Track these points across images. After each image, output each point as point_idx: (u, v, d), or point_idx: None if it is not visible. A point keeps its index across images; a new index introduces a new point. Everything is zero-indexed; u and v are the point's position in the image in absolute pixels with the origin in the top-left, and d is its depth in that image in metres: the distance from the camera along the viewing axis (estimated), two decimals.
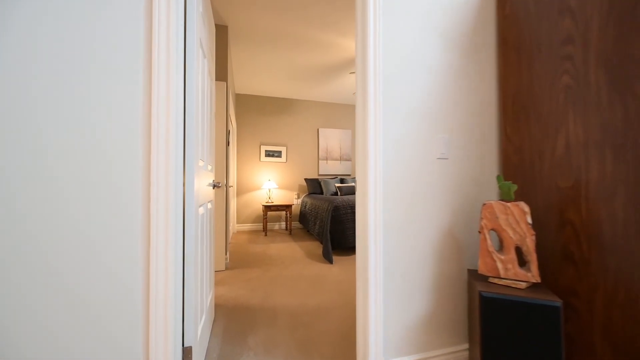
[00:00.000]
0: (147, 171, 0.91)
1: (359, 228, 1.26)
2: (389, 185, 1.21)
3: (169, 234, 0.92)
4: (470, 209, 1.30)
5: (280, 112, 5.34)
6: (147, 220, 0.90)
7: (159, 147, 0.92)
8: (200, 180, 1.25)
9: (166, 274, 0.92)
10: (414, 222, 1.23)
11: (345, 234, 3.32)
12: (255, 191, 5.16)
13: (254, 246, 3.81)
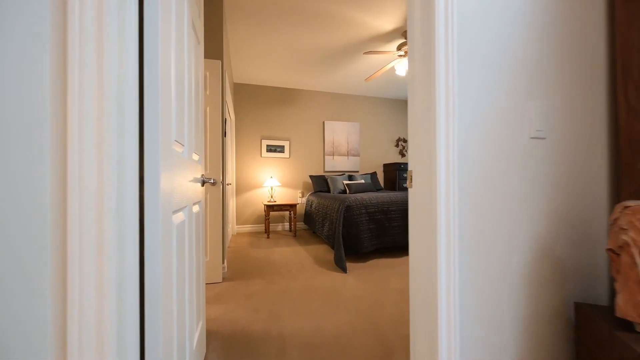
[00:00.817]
0: (63, 165, 0.49)
1: (418, 243, 0.85)
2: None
3: (105, 261, 0.51)
4: (576, 213, 0.89)
5: (283, 104, 4.92)
6: (62, 241, 0.49)
7: (84, 126, 0.50)
8: (177, 173, 0.84)
9: (99, 332, 0.51)
10: (493, 232, 0.82)
11: (359, 237, 2.92)
12: (256, 189, 4.75)
13: (256, 251, 3.40)
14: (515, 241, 0.84)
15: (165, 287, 0.72)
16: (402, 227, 3.17)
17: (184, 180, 0.94)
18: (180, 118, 0.91)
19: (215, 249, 2.31)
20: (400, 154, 5.66)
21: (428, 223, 0.81)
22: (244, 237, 4.26)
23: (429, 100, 0.81)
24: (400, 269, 2.66)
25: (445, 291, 0.76)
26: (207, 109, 2.31)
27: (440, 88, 0.78)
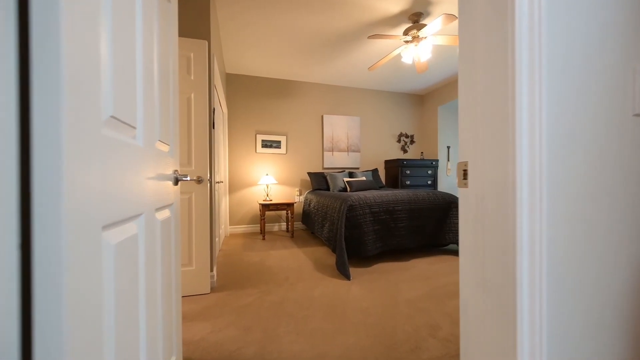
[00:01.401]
0: None
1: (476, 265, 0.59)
2: None
3: None
4: None
5: (279, 96, 4.63)
6: None
7: None
8: (122, 167, 0.57)
9: None
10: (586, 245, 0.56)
11: (363, 240, 2.66)
12: (251, 187, 4.46)
13: (250, 254, 3.13)
14: (614, 256, 0.58)
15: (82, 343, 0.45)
16: (409, 228, 2.92)
17: (137, 177, 0.67)
18: (126, 89, 0.63)
19: (202, 256, 2.04)
20: (402, 149, 5.40)
21: (500, 235, 0.55)
22: (237, 238, 3.98)
23: (501, 71, 0.55)
24: (408, 275, 2.41)
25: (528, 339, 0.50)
26: (192, 95, 2.02)
27: (521, 54, 0.51)
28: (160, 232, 0.87)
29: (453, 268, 2.57)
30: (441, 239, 3.06)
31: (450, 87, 4.83)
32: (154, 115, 0.82)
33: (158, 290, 0.84)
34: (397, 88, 5.16)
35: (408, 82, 4.87)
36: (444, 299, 1.93)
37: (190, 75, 2.02)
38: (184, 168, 2.00)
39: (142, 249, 0.71)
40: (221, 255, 3.11)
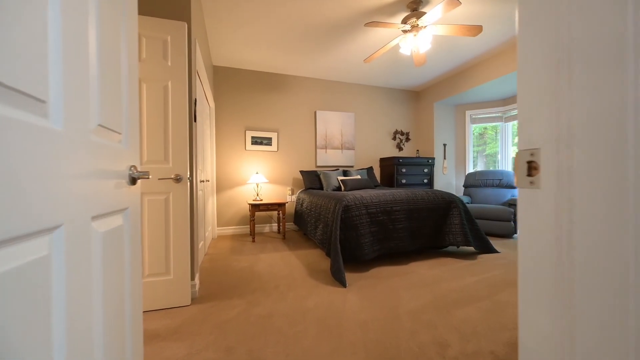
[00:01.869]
0: None
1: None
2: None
3: None
4: None
5: (270, 91, 4.40)
6: None
7: None
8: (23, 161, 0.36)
9: None
10: None
11: (359, 243, 2.48)
12: (240, 187, 4.23)
13: (238, 259, 2.91)
14: None
15: None
16: (407, 229, 2.75)
17: (47, 173, 0.46)
18: (24, 43, 0.42)
19: (181, 263, 1.82)
20: (398, 147, 5.25)
21: (609, 271, 0.37)
22: (225, 241, 3.75)
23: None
24: (408, 281, 2.24)
25: None
26: (169, 83, 1.79)
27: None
28: (102, 246, 0.65)
29: (455, 273, 2.42)
30: (440, 240, 2.90)
31: (446, 83, 4.69)
32: (87, 92, 0.61)
33: (97, 318, 0.63)
34: (392, 83, 5.00)
35: (404, 77, 4.71)
36: (450, 308, 1.76)
37: (167, 60, 1.79)
38: (158, 165, 1.77)
39: (61, 274, 0.50)
40: (207, 260, 2.88)
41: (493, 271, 2.45)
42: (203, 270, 2.56)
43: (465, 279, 2.28)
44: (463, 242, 2.81)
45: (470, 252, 3.04)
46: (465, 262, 2.70)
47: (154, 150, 1.76)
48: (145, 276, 1.75)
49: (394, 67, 4.27)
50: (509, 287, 2.08)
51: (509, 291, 2.02)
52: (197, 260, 2.17)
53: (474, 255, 2.93)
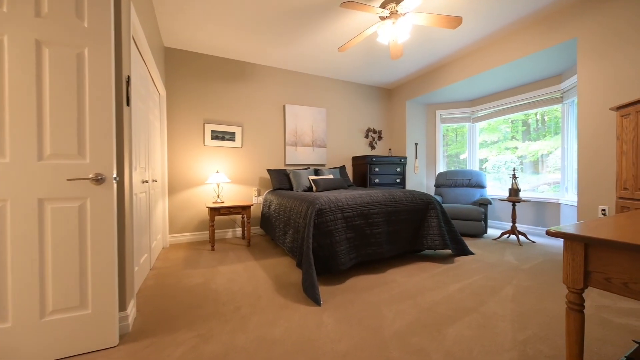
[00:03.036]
0: None
1: None
2: None
3: None
4: None
5: (234, 80, 3.94)
6: None
7: None
8: None
9: None
10: None
11: (334, 251, 2.19)
12: (198, 187, 3.72)
13: (192, 273, 2.46)
14: None
15: None
16: (385, 234, 2.53)
17: None
18: None
19: (103, 291, 1.37)
20: (370, 145, 5.09)
21: None
22: (179, 250, 3.24)
23: None
24: (388, 292, 2.00)
25: None
26: (85, 50, 1.33)
27: None
28: None
29: (436, 280, 2.24)
30: (418, 244, 2.73)
31: (419, 81, 4.62)
32: None
33: None
34: (365, 80, 4.81)
35: (377, 73, 4.54)
36: (439, 326, 1.54)
37: (82, 20, 1.33)
38: (69, 161, 1.31)
39: None
40: (151, 277, 2.39)
41: (473, 276, 2.32)
42: (144, 292, 2.09)
43: (448, 287, 2.10)
44: (441, 246, 2.67)
45: (446, 255, 2.92)
46: (444, 267, 2.56)
47: (61, 140, 1.29)
48: (48, 313, 1.27)
49: (368, 59, 4.06)
50: (492, 295, 1.94)
51: (494, 300, 1.87)
52: (133, 282, 1.71)
53: (451, 258, 2.81)
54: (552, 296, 1.93)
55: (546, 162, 4.12)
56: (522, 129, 4.45)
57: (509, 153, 4.59)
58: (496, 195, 4.54)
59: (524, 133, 4.42)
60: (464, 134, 5.11)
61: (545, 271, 2.42)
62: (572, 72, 3.41)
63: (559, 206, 3.69)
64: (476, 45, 3.59)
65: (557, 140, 3.92)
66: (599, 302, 1.85)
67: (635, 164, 2.03)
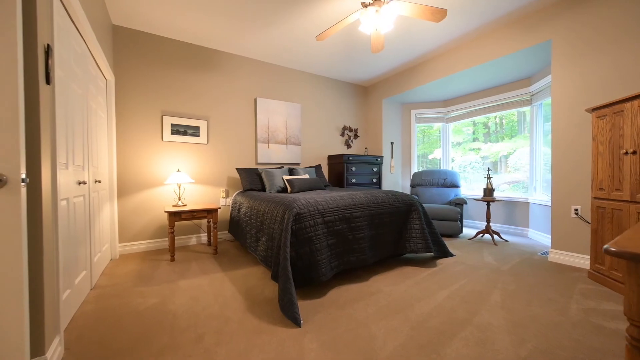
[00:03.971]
0: None
1: None
2: None
3: None
4: None
5: (199, 68, 3.52)
6: None
7: None
8: None
9: None
10: None
11: (315, 260, 1.95)
12: (155, 189, 3.26)
13: (145, 292, 2.07)
14: None
15: None
16: (369, 239, 2.35)
17: None
18: None
19: (4, 330, 0.99)
20: (346, 144, 4.92)
21: None
22: (132, 262, 2.78)
23: None
24: (375, 305, 1.81)
25: None
26: None
27: None
28: None
29: (423, 287, 2.10)
30: (400, 248, 2.59)
31: (396, 79, 4.54)
32: None
33: None
34: (342, 75, 4.62)
35: (354, 69, 4.37)
36: (436, 346, 1.38)
37: None
38: None
39: None
40: (92, 299, 1.96)
41: (458, 280, 2.22)
42: (80, 321, 1.68)
43: (436, 294, 1.97)
44: (424, 249, 2.56)
45: (427, 258, 2.82)
46: (428, 271, 2.44)
47: None
48: None
49: (346, 54, 3.87)
50: (482, 303, 1.84)
51: (485, 308, 1.77)
52: (58, 313, 1.32)
53: (433, 261, 2.72)
54: (538, 300, 1.87)
55: (506, 162, 4.32)
56: (484, 131, 4.64)
57: (472, 154, 4.75)
58: (464, 194, 4.62)
59: (485, 135, 4.63)
60: (430, 135, 5.17)
61: (525, 272, 2.41)
62: (541, 75, 3.52)
63: (528, 205, 3.81)
64: (453, 44, 3.57)
65: (515, 142, 4.16)
66: (583, 303, 1.82)
67: (611, 165, 2.05)
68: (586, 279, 2.24)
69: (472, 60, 3.45)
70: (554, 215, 2.73)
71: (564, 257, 2.63)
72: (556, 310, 1.74)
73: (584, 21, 2.49)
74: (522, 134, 4.10)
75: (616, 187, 2.01)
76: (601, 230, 2.14)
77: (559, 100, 2.68)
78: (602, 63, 2.38)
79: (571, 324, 1.57)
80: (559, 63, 2.68)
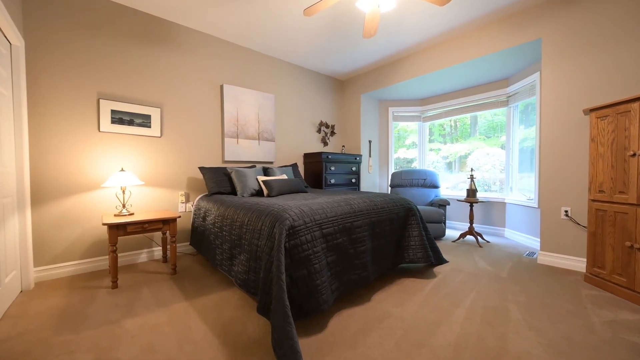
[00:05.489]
0: None
1: None
2: None
3: None
4: None
5: (153, 43, 2.83)
6: None
7: None
8: None
9: None
10: None
11: (313, 284, 1.55)
12: (89, 193, 2.52)
13: (73, 344, 1.45)
14: None
15: None
16: (371, 251, 2.01)
17: None
18: None
19: None
20: (323, 141, 4.56)
21: None
22: (54, 293, 2.05)
23: None
24: (391, 336, 1.48)
25: None
26: None
27: None
28: None
29: (433, 306, 1.83)
30: (398, 258, 2.31)
31: (375, 74, 4.29)
32: None
33: None
34: (319, 67, 4.23)
35: (334, 60, 4.01)
36: None
37: None
38: None
39: None
40: None
41: (467, 294, 2.01)
42: None
43: (452, 315, 1.71)
44: (424, 258, 2.31)
45: (422, 265, 2.60)
46: (430, 283, 2.20)
47: None
48: None
49: (327, 39, 3.48)
50: (505, 323, 1.62)
51: (512, 331, 1.55)
52: None
53: (430, 270, 2.50)
54: (556, 314, 1.72)
55: (464, 162, 4.53)
56: (442, 132, 4.82)
57: (433, 154, 4.89)
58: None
59: (443, 136, 4.82)
60: (398, 134, 5.12)
61: (525, 279, 2.30)
62: (519, 77, 3.55)
63: (504, 205, 3.86)
64: (438, 40, 3.41)
65: (470, 143, 4.45)
66: (600, 315, 1.71)
67: (614, 167, 2.00)
68: (584, 283, 2.19)
69: (457, 57, 3.33)
70: (543, 217, 2.69)
71: (554, 260, 2.61)
72: (582, 326, 1.59)
73: (577, 19, 2.46)
74: (474, 136, 4.43)
75: (620, 189, 1.96)
76: (601, 234, 2.10)
77: (548, 100, 2.65)
78: (596, 62, 2.36)
79: (608, 345, 1.41)
80: (549, 62, 2.64)
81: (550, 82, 2.63)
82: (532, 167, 3.43)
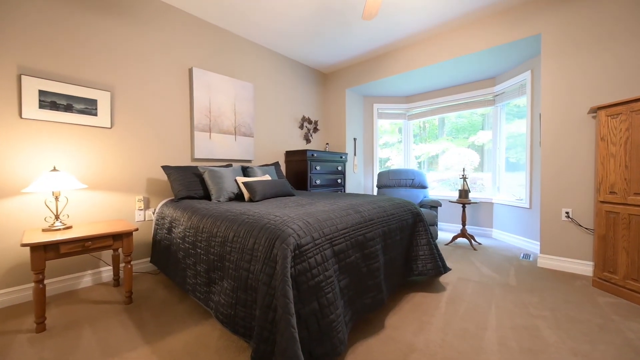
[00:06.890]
0: None
1: None
2: None
3: None
4: None
5: (103, 9, 2.22)
6: None
7: None
8: None
9: None
10: None
11: (327, 318, 1.18)
12: (5, 200, 1.87)
13: None
14: None
15: None
16: (383, 267, 1.68)
17: None
18: None
19: None
20: (305, 138, 4.17)
21: None
22: None
23: None
24: None
25: None
26: None
27: None
28: None
29: (460, 332, 1.56)
30: (407, 271, 2.03)
31: (362, 67, 4.01)
32: None
33: None
34: (302, 56, 3.83)
35: (319, 49, 3.64)
36: None
37: None
38: None
39: None
40: None
41: (486, 310, 1.78)
42: None
43: (483, 340, 1.45)
44: (434, 269, 2.05)
45: (425, 277, 2.35)
46: (442, 298, 1.95)
47: None
48: None
49: (314, 26, 3.10)
50: (546, 349, 1.40)
51: (556, 357, 1.32)
52: None
53: (436, 281, 2.26)
54: (589, 331, 1.55)
55: (437, 162, 4.59)
56: (415, 132, 4.81)
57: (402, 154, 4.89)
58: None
59: (414, 136, 4.82)
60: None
61: (537, 287, 2.15)
62: (506, 76, 3.50)
63: (492, 205, 3.81)
64: (432, 32, 3.22)
65: (440, 144, 4.52)
66: (631, 327, 1.57)
67: (629, 167, 1.90)
68: (594, 289, 2.10)
69: (449, 52, 3.16)
70: (542, 219, 2.60)
71: (556, 263, 2.52)
72: (622, 346, 1.42)
73: (579, 14, 2.37)
74: (442, 137, 4.55)
75: (635, 190, 1.87)
76: (613, 237, 2.00)
77: (547, 98, 2.55)
78: (599, 59, 2.29)
79: None
80: (548, 59, 2.54)
81: (550, 79, 2.54)
82: (516, 166, 3.40)
